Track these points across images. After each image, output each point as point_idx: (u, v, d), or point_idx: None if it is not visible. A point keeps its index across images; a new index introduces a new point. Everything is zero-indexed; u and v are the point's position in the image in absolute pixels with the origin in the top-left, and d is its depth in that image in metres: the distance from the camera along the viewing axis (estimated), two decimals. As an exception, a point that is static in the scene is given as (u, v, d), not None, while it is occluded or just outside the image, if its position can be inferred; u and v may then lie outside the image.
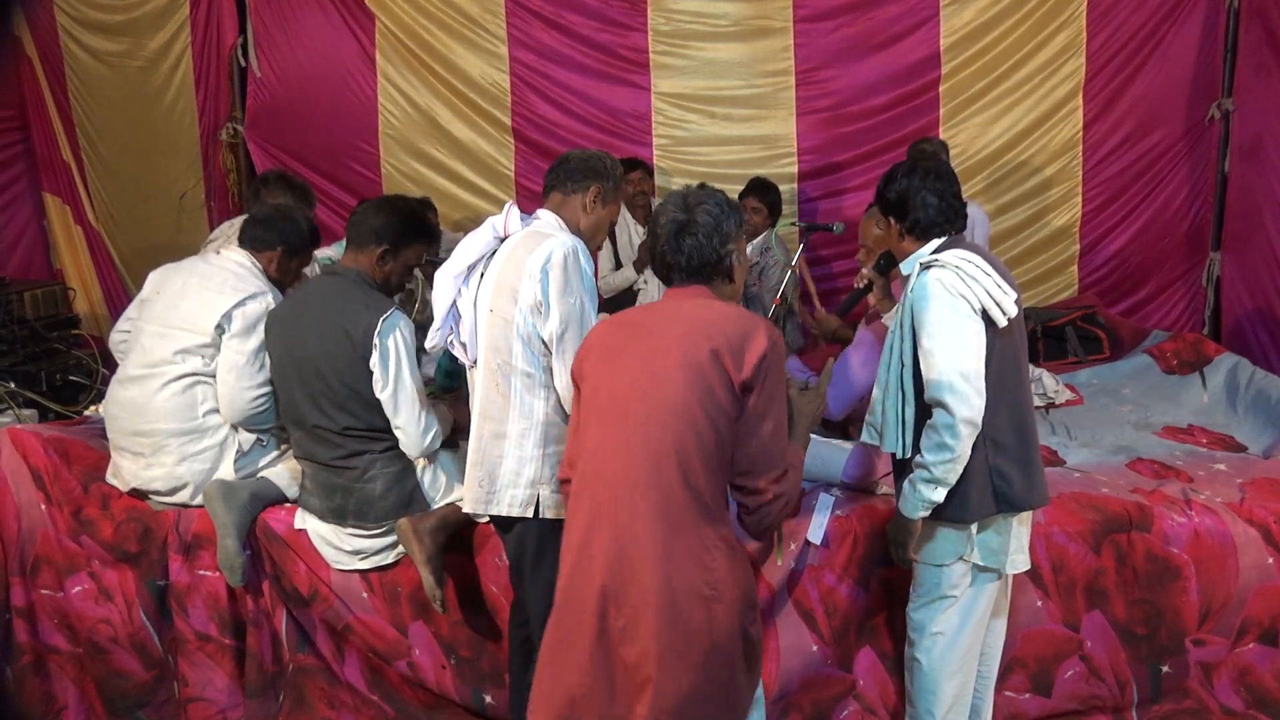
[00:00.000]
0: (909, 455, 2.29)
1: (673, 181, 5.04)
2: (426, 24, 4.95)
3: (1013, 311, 2.25)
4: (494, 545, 2.74)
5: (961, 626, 2.37)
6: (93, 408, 3.67)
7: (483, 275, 2.42)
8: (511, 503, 2.36)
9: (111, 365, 3.08)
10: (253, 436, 2.87)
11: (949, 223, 2.37)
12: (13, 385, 3.97)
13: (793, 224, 4.48)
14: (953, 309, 2.20)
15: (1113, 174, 4.81)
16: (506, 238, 2.43)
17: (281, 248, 2.93)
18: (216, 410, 2.84)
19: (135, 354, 2.90)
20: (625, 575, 1.90)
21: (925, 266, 2.28)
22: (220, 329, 2.79)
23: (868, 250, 3.00)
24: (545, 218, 2.46)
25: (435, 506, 2.72)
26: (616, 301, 4.72)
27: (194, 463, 2.82)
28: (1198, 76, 4.67)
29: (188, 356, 2.81)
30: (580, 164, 2.47)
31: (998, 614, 2.49)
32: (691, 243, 2.05)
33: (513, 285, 2.33)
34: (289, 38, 5.03)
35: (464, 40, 4.95)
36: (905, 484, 2.29)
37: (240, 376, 2.77)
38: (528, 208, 2.52)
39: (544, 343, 2.32)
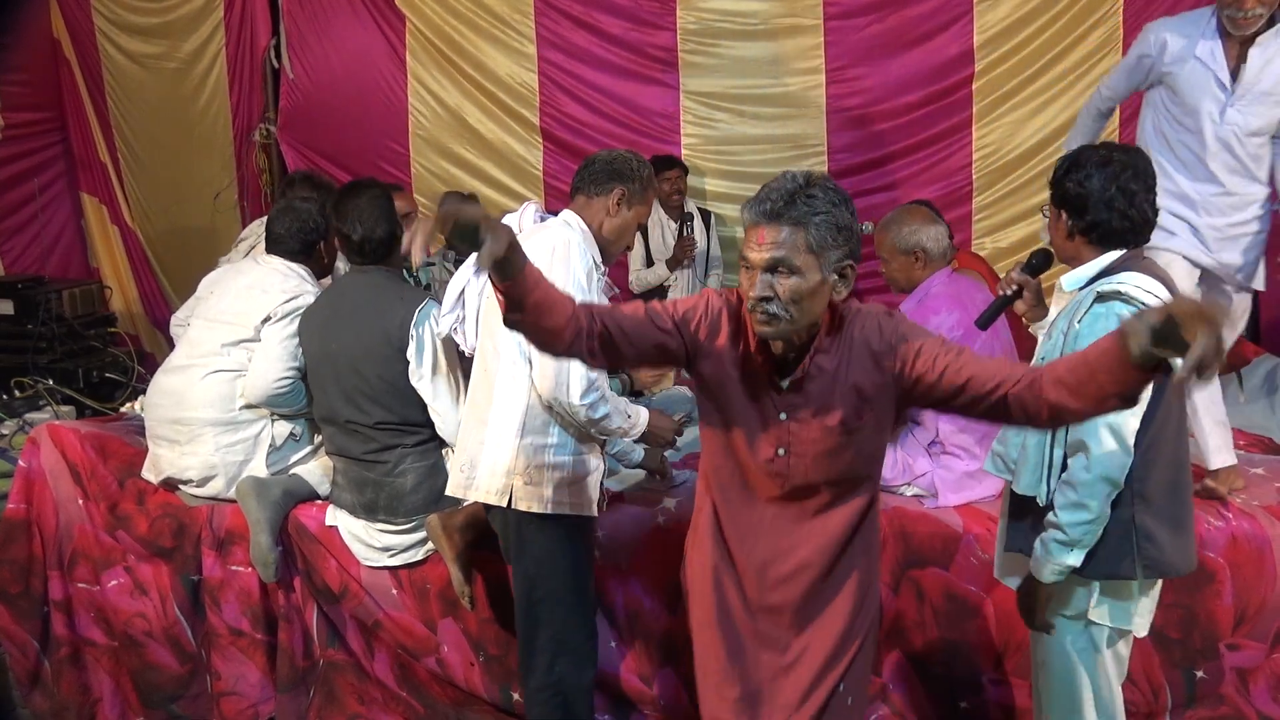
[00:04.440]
0: (1048, 502, 2.01)
1: (703, 181, 5.03)
2: (456, 24, 4.98)
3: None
4: (522, 543, 2.75)
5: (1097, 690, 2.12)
6: (129, 404, 3.72)
7: None
8: (488, 490, 2.36)
9: (147, 364, 3.14)
10: (286, 431, 2.91)
11: (1137, 234, 2.01)
12: (51, 382, 4.04)
13: None
14: None
15: (1149, 172, 4.74)
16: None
17: (321, 242, 2.99)
18: (253, 405, 2.88)
19: (183, 346, 2.98)
20: None
21: (1102, 297, 1.93)
22: (266, 321, 2.85)
23: (886, 263, 2.81)
24: (565, 217, 2.41)
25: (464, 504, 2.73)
26: (648, 298, 4.72)
27: (228, 453, 2.86)
28: (1237, 73, 4.58)
29: (232, 350, 2.86)
30: (604, 166, 2.37)
31: None
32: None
33: None
34: (321, 39, 5.08)
35: (493, 40, 4.98)
36: (1038, 544, 2.01)
37: (270, 358, 2.82)
38: (556, 207, 2.53)
39: None
